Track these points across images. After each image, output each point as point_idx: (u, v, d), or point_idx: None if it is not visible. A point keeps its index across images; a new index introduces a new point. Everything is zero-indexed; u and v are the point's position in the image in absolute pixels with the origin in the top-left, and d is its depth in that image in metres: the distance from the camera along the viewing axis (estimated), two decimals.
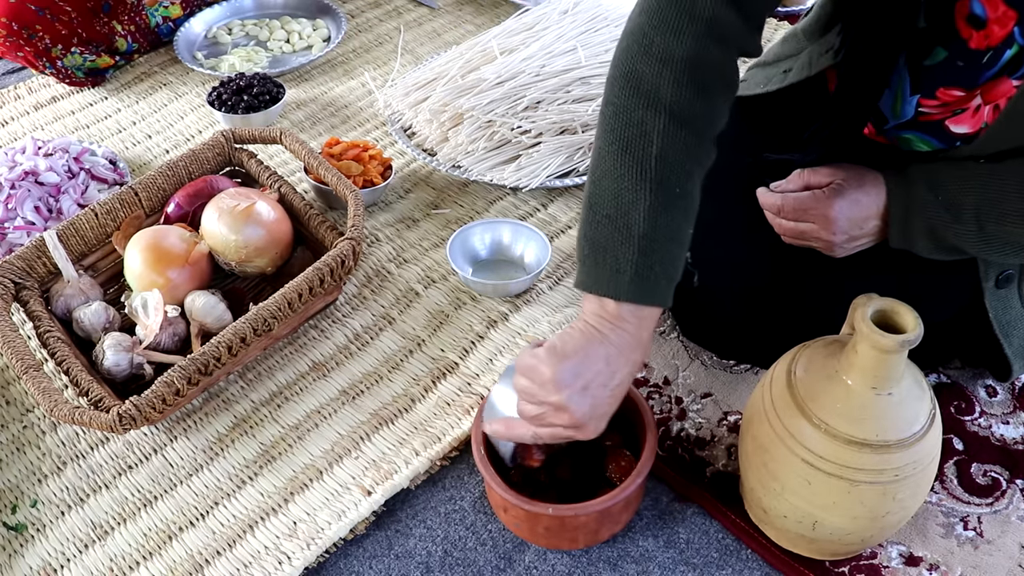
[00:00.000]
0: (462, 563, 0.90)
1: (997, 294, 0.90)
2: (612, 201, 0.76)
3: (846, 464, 0.76)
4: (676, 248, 0.76)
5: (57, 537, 0.94)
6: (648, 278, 0.74)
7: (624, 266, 0.74)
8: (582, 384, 0.76)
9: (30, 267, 1.08)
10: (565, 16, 1.49)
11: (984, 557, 0.88)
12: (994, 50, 0.75)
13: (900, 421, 0.76)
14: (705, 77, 0.77)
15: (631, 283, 0.74)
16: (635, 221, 0.74)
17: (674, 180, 0.75)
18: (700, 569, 0.89)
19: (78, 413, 0.91)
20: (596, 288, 0.76)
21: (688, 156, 0.76)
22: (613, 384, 0.77)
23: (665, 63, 0.76)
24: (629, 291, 0.74)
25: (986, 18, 0.74)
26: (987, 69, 0.77)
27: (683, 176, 0.76)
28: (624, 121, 0.77)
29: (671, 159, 0.75)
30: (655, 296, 0.75)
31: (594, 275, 0.76)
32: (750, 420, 0.85)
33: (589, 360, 0.76)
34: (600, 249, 0.76)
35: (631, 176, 0.75)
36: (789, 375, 0.81)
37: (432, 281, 1.20)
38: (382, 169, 1.32)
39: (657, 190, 0.74)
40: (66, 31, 1.52)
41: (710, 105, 0.78)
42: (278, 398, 1.06)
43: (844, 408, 0.76)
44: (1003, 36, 0.74)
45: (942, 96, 0.82)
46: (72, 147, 1.34)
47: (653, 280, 0.75)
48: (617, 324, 0.76)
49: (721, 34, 0.76)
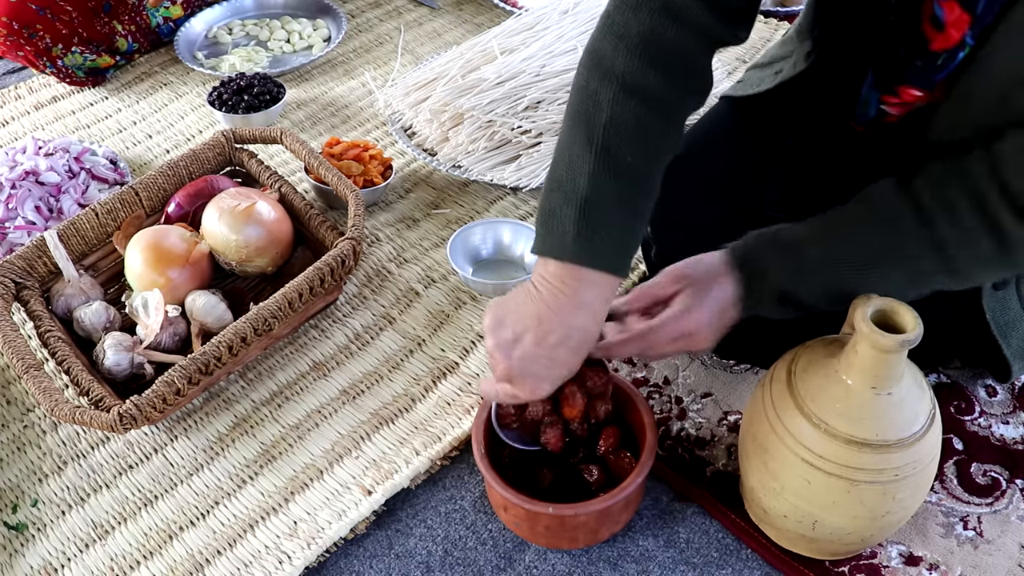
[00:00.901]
0: (462, 562, 0.90)
1: (995, 295, 0.90)
2: (564, 169, 0.77)
3: (846, 464, 0.76)
4: (624, 216, 0.76)
5: (58, 536, 0.94)
6: (590, 240, 0.75)
7: (567, 228, 0.75)
8: (512, 335, 0.77)
9: (31, 267, 1.08)
10: (565, 16, 1.49)
11: (984, 557, 0.88)
12: (949, 52, 0.76)
13: (900, 421, 0.76)
14: (660, 51, 0.78)
15: (572, 244, 0.75)
16: (580, 185, 0.75)
17: (624, 148, 0.76)
18: (700, 569, 0.89)
19: (79, 413, 0.91)
20: (541, 250, 0.77)
21: (639, 126, 0.76)
22: (548, 344, 0.76)
23: (621, 38, 0.78)
24: (569, 252, 0.75)
25: (944, 21, 0.75)
26: (942, 70, 0.78)
27: (634, 146, 0.76)
28: (582, 95, 0.79)
29: (620, 127, 0.76)
30: (595, 259, 0.75)
31: (541, 238, 0.78)
32: (750, 420, 0.85)
33: (520, 314, 0.77)
34: (549, 214, 0.77)
35: (580, 142, 0.77)
36: (789, 375, 0.81)
37: (432, 281, 1.20)
38: (382, 169, 1.32)
39: (603, 155, 0.75)
40: (67, 31, 1.52)
41: (666, 82, 0.78)
42: (278, 398, 1.06)
43: (844, 408, 0.76)
44: (958, 39, 0.75)
45: (903, 94, 0.83)
46: (73, 147, 1.34)
47: (596, 243, 0.75)
48: (554, 284, 0.76)
49: (677, 13, 0.77)
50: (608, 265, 0.76)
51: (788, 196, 1.00)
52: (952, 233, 0.73)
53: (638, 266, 1.19)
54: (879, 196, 0.78)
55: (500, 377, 0.80)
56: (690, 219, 1.02)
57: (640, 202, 0.78)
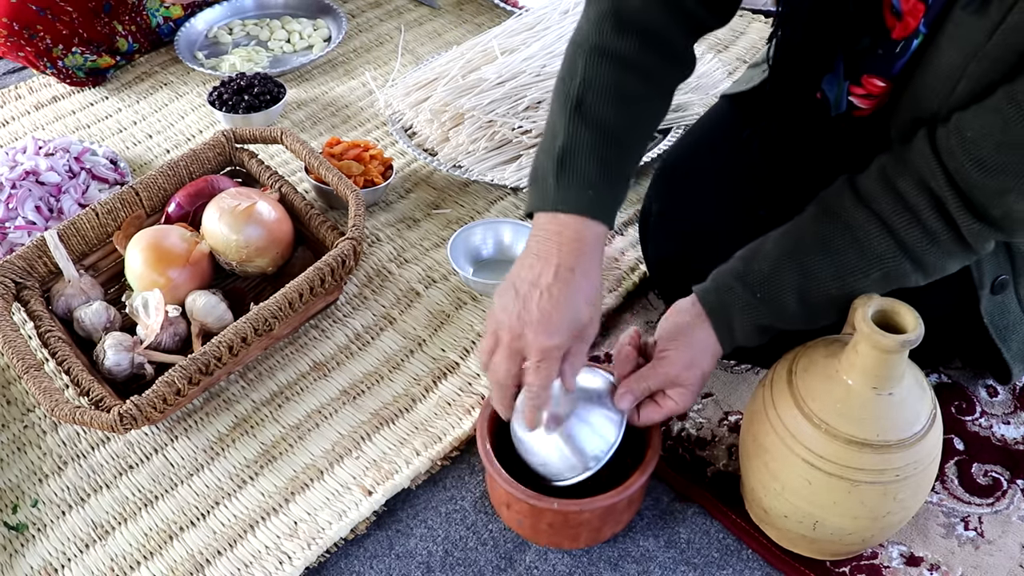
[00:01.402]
0: (463, 563, 0.90)
1: (993, 300, 0.90)
2: (547, 133, 0.83)
3: (847, 464, 0.76)
4: (602, 167, 0.79)
5: (58, 537, 0.94)
6: (568, 187, 0.78)
7: (548, 180, 0.79)
8: (512, 289, 0.79)
9: (31, 267, 1.08)
10: (566, 16, 1.49)
11: (985, 557, 0.88)
12: (906, 40, 0.78)
13: (901, 421, 0.76)
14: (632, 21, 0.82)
15: (552, 194, 0.79)
16: (558, 140, 0.80)
17: (597, 102, 0.80)
18: (701, 569, 0.89)
19: (79, 413, 0.91)
20: (528, 208, 0.82)
21: (615, 84, 0.80)
22: (541, 285, 0.77)
23: (593, 20, 0.83)
24: (550, 201, 0.79)
25: (901, 10, 0.77)
26: (900, 58, 0.80)
27: (608, 101, 0.80)
28: (562, 70, 0.84)
29: (593, 84, 0.80)
30: (571, 203, 0.77)
31: (529, 197, 0.83)
32: (750, 420, 0.85)
33: (515, 277, 0.80)
34: (534, 175, 0.82)
35: (558, 106, 0.82)
36: (790, 375, 0.81)
37: (433, 281, 1.20)
38: (383, 169, 1.32)
39: (576, 110, 0.79)
40: (67, 31, 1.52)
41: (641, 48, 0.81)
42: (279, 398, 1.06)
43: (844, 408, 0.76)
44: (915, 27, 0.77)
45: (867, 85, 0.85)
46: (73, 147, 1.34)
47: (574, 190, 0.78)
48: (538, 232, 0.79)
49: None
50: (588, 211, 0.78)
51: (775, 195, 1.00)
52: (913, 235, 0.75)
53: (639, 266, 1.19)
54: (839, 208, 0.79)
55: (512, 332, 0.78)
56: (690, 218, 1.02)
57: (618, 154, 0.80)
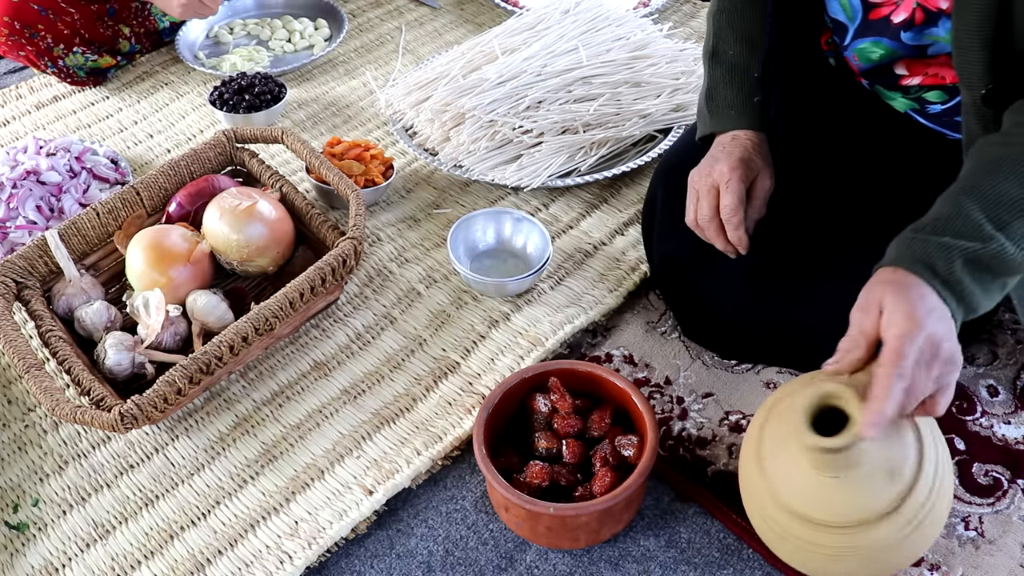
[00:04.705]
0: (463, 562, 0.90)
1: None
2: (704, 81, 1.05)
3: (809, 540, 0.76)
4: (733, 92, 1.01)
5: (59, 536, 0.94)
6: (713, 113, 1.02)
7: (704, 114, 1.03)
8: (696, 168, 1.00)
9: (32, 266, 1.08)
10: (567, 16, 1.49)
11: (985, 557, 0.88)
12: None
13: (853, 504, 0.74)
14: None
15: (706, 121, 1.02)
16: (704, 84, 1.05)
17: (724, 48, 1.03)
18: (701, 569, 0.89)
19: (80, 412, 0.91)
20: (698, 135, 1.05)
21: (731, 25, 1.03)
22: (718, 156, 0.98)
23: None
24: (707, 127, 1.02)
25: None
26: None
27: (730, 41, 1.02)
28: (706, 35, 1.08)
29: (722, 34, 1.03)
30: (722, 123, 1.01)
31: (697, 129, 1.06)
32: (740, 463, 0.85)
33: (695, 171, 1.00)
34: (699, 113, 1.05)
35: (705, 59, 1.05)
36: (758, 453, 0.80)
37: (434, 281, 1.20)
38: (383, 169, 1.32)
39: (712, 57, 1.04)
40: (68, 31, 1.52)
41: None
42: (279, 397, 1.06)
43: (802, 485, 0.75)
44: None
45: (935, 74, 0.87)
46: (74, 146, 1.34)
47: (717, 115, 1.01)
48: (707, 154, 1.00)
49: None
50: (728, 125, 0.99)
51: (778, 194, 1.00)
52: None
53: (639, 266, 1.19)
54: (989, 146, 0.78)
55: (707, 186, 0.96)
56: None
57: (745, 79, 1.00)
